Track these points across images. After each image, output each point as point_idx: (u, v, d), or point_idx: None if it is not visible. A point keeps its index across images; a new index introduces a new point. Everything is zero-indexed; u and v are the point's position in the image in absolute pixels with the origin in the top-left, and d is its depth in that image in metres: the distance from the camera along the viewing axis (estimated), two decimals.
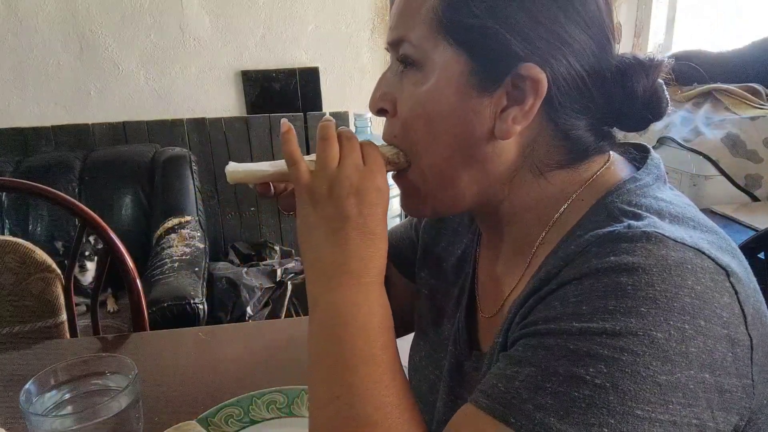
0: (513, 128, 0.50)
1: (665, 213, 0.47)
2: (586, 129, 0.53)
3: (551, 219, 0.54)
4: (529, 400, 0.41)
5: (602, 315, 0.41)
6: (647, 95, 0.53)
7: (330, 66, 2.66)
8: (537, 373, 0.42)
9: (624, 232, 0.44)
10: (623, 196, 0.50)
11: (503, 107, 0.50)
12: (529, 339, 0.44)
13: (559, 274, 0.46)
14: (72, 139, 2.51)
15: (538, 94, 0.49)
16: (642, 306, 0.40)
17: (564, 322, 0.42)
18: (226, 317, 2.11)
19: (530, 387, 0.41)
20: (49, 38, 2.45)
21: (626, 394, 0.39)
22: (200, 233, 2.21)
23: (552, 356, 0.42)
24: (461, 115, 0.51)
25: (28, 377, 0.67)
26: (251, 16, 2.55)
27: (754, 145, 1.76)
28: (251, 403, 0.78)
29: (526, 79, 0.49)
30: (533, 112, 0.50)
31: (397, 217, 2.14)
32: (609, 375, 0.39)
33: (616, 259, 0.42)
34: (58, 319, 1.18)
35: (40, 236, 2.23)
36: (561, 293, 0.44)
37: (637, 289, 0.40)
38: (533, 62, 0.48)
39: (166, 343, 1.06)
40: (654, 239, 0.42)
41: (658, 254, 0.42)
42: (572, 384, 0.40)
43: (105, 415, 0.64)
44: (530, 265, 0.56)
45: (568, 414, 0.39)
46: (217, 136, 2.59)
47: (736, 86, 1.92)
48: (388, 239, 0.56)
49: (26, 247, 1.15)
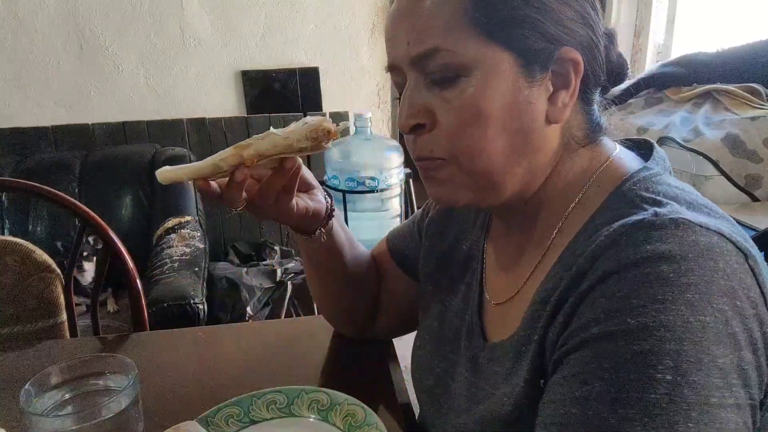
0: (564, 111, 0.53)
1: (681, 200, 0.49)
2: (598, 103, 0.57)
3: (571, 204, 0.56)
4: (612, 415, 0.40)
5: (653, 305, 0.41)
6: (618, 62, 0.58)
7: (330, 66, 2.66)
8: (609, 385, 0.41)
9: (653, 220, 0.45)
10: (640, 183, 0.52)
11: (551, 92, 0.53)
12: (586, 350, 0.44)
13: (594, 268, 0.46)
14: (72, 139, 2.51)
15: (578, 74, 0.52)
16: (687, 292, 0.41)
17: (618, 321, 0.42)
18: (226, 317, 2.11)
19: (607, 402, 0.41)
20: (49, 38, 2.45)
21: (697, 384, 0.39)
22: (200, 233, 2.21)
23: (618, 363, 0.41)
24: (516, 108, 0.52)
25: (28, 377, 0.67)
26: (251, 16, 2.55)
27: (754, 145, 1.76)
28: (251, 403, 0.78)
29: (567, 61, 0.51)
30: (576, 93, 0.53)
31: (397, 217, 2.14)
32: (677, 369, 0.39)
33: (651, 247, 0.43)
34: (58, 319, 1.18)
35: (40, 236, 2.23)
36: (604, 289, 0.44)
37: (680, 276, 0.41)
38: (570, 45, 0.51)
39: (166, 343, 1.06)
40: (682, 225, 0.44)
41: (689, 240, 0.43)
42: (647, 386, 0.40)
43: (105, 415, 0.64)
44: (549, 249, 0.56)
45: (652, 418, 0.39)
46: (217, 136, 2.59)
47: (736, 86, 1.92)
48: (391, 239, 0.56)
49: (26, 247, 1.15)
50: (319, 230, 0.74)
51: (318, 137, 0.59)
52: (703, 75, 1.97)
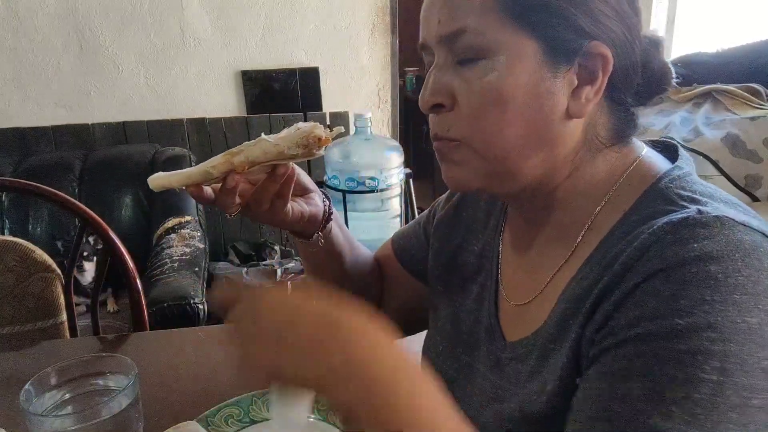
0: (586, 106, 0.52)
1: (717, 198, 0.49)
2: (630, 105, 0.56)
3: (600, 203, 0.55)
4: (654, 413, 0.40)
5: (701, 306, 0.41)
6: (661, 70, 0.56)
7: (330, 66, 2.66)
8: (653, 383, 0.41)
9: (698, 218, 0.45)
10: (676, 181, 0.51)
11: (575, 86, 0.51)
12: (630, 347, 0.43)
13: (638, 265, 0.45)
14: (72, 139, 2.51)
15: (606, 71, 0.51)
16: (734, 293, 0.41)
17: (665, 320, 0.42)
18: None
19: (650, 399, 0.41)
20: (49, 38, 2.45)
21: (740, 385, 0.39)
22: (200, 233, 2.21)
23: (663, 361, 0.41)
24: (536, 97, 0.51)
25: (28, 377, 0.67)
26: (251, 16, 2.55)
27: (754, 145, 1.76)
28: (251, 403, 0.78)
29: (596, 56, 0.50)
30: (602, 90, 0.51)
31: (397, 217, 2.13)
32: (722, 370, 0.39)
33: (698, 246, 0.43)
34: (58, 319, 1.18)
35: (40, 236, 2.23)
36: (649, 288, 0.44)
37: (728, 276, 0.41)
38: (600, 40, 0.50)
39: (166, 343, 1.06)
40: (727, 224, 0.44)
41: (735, 239, 0.43)
42: (692, 386, 0.40)
43: (105, 415, 0.64)
44: (577, 248, 0.55)
45: (694, 417, 0.39)
46: (217, 136, 2.59)
47: (736, 86, 1.92)
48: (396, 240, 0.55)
49: (26, 247, 1.15)
50: (316, 234, 0.73)
51: (309, 144, 0.59)
52: (703, 75, 1.97)
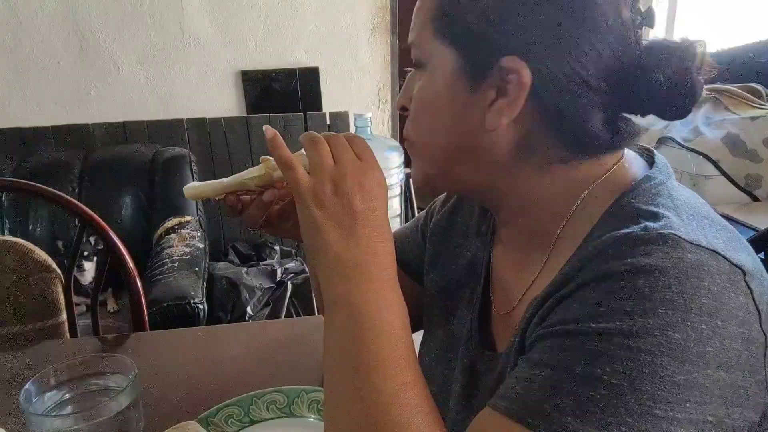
0: (501, 120, 0.51)
1: (682, 211, 0.48)
2: (599, 123, 0.52)
3: (565, 214, 0.54)
4: (547, 401, 0.41)
5: (620, 316, 0.41)
6: (676, 82, 0.50)
7: (330, 66, 2.66)
8: (554, 374, 0.42)
9: (641, 235, 0.44)
10: (640, 195, 0.50)
11: (492, 100, 0.51)
12: (547, 341, 0.45)
13: (577, 276, 0.46)
14: (72, 139, 2.51)
15: (522, 86, 0.49)
16: (660, 308, 0.40)
17: (581, 323, 0.43)
18: (226, 317, 2.11)
19: (548, 388, 0.42)
20: (49, 38, 2.45)
21: (644, 393, 0.39)
22: (200, 233, 2.21)
23: (569, 357, 0.42)
24: (454, 108, 0.54)
25: (28, 377, 0.67)
26: (251, 16, 2.55)
27: (754, 145, 1.76)
28: (251, 403, 0.78)
29: (511, 72, 0.49)
30: (519, 104, 0.50)
31: (397, 217, 2.13)
32: (626, 375, 0.40)
33: (633, 261, 0.42)
34: (58, 319, 1.18)
35: (40, 236, 2.23)
36: (579, 295, 0.45)
37: (654, 291, 0.41)
38: (516, 54, 0.49)
39: (166, 343, 1.06)
40: (670, 242, 0.43)
41: (675, 257, 0.42)
42: (589, 384, 0.40)
43: (105, 415, 0.64)
44: (548, 260, 0.56)
45: (585, 413, 0.40)
46: (217, 136, 2.59)
47: (736, 86, 1.92)
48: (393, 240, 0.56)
49: (26, 247, 1.15)
50: None
51: None
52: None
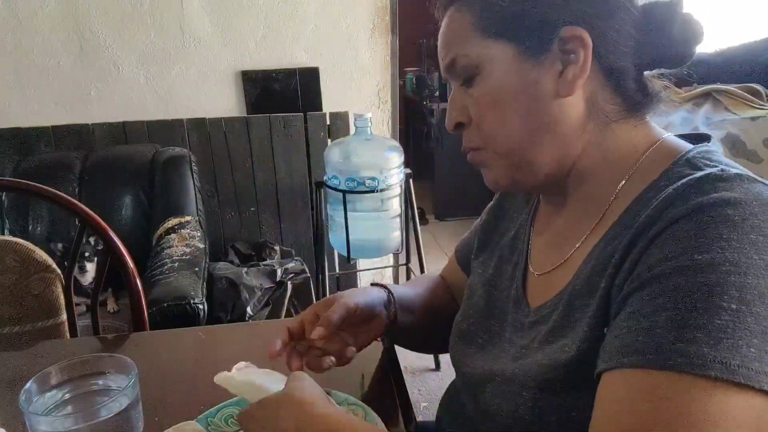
0: (573, 84, 0.57)
1: (743, 171, 0.52)
2: (633, 77, 0.60)
3: (625, 174, 0.59)
4: (680, 340, 0.43)
5: (719, 243, 0.44)
6: (682, 29, 0.59)
7: (330, 66, 2.66)
8: (676, 314, 0.44)
9: (719, 174, 0.49)
10: (702, 154, 0.55)
11: (561, 70, 0.57)
12: (654, 286, 0.47)
13: (662, 216, 0.49)
14: (72, 139, 2.51)
15: (586, 47, 0.56)
16: (751, 233, 0.44)
17: (685, 257, 0.45)
18: (226, 317, 2.11)
19: (674, 328, 0.44)
20: (49, 38, 2.45)
21: (760, 315, 0.42)
22: (200, 233, 2.21)
23: (684, 293, 0.44)
24: (524, 90, 0.59)
25: (28, 377, 0.67)
26: (251, 16, 2.55)
27: (754, 145, 1.76)
28: None
29: (571, 39, 0.56)
30: (588, 65, 0.57)
31: (397, 217, 2.13)
32: (741, 299, 0.43)
33: (717, 195, 0.47)
34: (58, 319, 1.18)
35: (40, 236, 2.23)
36: (671, 233, 0.48)
37: (744, 219, 0.45)
38: (572, 23, 0.56)
39: (166, 343, 1.06)
40: (747, 179, 0.48)
41: (755, 191, 0.47)
42: (714, 313, 0.43)
43: (105, 415, 0.64)
44: (604, 217, 0.60)
45: (717, 341, 0.42)
46: (217, 136, 2.59)
47: (736, 86, 1.92)
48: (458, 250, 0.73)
49: (26, 247, 1.15)
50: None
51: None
52: (703, 75, 1.98)
